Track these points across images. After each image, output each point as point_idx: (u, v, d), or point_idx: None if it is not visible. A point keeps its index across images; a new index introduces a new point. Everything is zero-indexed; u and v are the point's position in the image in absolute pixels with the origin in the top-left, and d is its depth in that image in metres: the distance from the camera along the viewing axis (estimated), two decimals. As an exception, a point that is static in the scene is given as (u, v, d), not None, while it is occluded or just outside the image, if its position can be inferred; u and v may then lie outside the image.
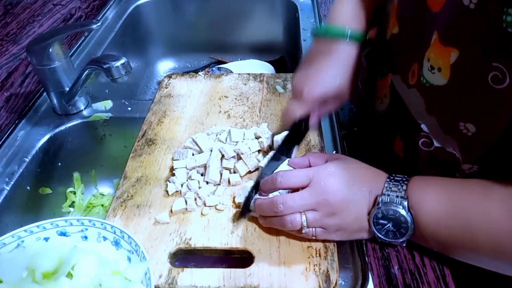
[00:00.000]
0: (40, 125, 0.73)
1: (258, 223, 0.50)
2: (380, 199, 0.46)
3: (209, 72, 1.09)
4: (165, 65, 1.23)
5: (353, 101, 0.68)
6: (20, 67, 0.87)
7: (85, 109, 0.76)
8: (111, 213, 0.53)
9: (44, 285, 0.43)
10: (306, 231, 0.46)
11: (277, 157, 0.54)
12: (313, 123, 0.55)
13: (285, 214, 0.46)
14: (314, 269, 0.46)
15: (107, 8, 1.08)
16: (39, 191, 0.70)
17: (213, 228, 0.51)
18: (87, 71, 0.67)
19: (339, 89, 0.54)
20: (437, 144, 0.47)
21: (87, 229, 0.48)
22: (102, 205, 0.77)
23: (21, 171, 0.66)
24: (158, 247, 0.49)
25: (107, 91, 0.91)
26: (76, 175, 0.76)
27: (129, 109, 0.76)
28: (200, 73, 0.78)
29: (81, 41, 0.94)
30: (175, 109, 0.70)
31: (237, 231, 0.50)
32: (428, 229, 0.45)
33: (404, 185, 0.46)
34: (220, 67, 1.12)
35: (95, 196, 0.79)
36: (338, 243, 0.49)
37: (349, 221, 0.47)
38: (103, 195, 0.79)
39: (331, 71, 0.53)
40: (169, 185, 0.56)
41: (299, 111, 0.53)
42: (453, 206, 0.43)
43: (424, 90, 0.47)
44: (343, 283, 0.47)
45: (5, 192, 0.63)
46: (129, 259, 0.46)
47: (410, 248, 0.50)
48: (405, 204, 0.45)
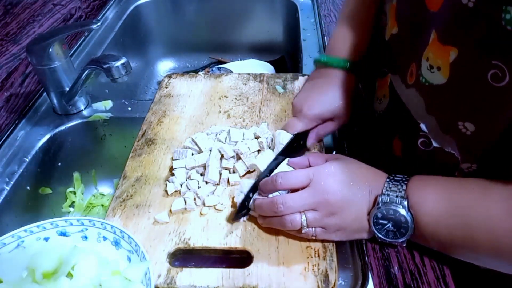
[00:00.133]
0: (40, 125, 0.73)
1: (257, 223, 0.50)
2: (380, 199, 0.46)
3: (209, 72, 1.10)
4: (165, 65, 1.23)
5: (353, 101, 0.68)
6: (20, 67, 0.87)
7: (85, 109, 0.76)
8: (110, 213, 0.53)
9: (44, 285, 0.43)
10: (306, 231, 0.46)
11: (274, 169, 0.54)
12: (310, 142, 0.59)
13: (285, 214, 0.46)
14: (313, 269, 0.46)
15: (107, 8, 1.08)
16: (39, 191, 0.70)
17: (212, 228, 0.51)
18: (87, 71, 0.67)
19: (336, 111, 0.59)
20: (435, 144, 0.47)
21: (87, 229, 0.48)
22: (102, 205, 0.78)
23: (21, 171, 0.66)
24: (157, 247, 0.49)
25: (107, 91, 0.91)
26: (76, 175, 0.76)
27: (129, 109, 0.77)
28: (200, 73, 0.78)
29: (81, 41, 0.94)
30: (175, 109, 0.70)
31: (236, 231, 0.50)
32: (428, 228, 0.45)
33: (404, 185, 0.46)
34: (220, 67, 1.12)
35: (95, 196, 0.79)
36: (337, 243, 0.49)
37: (349, 221, 0.47)
38: (103, 195, 0.80)
39: (329, 94, 0.59)
40: (168, 185, 0.56)
41: (298, 126, 0.58)
42: (453, 205, 0.43)
43: (423, 89, 0.47)
44: (343, 283, 0.47)
45: (5, 192, 0.63)
46: (129, 259, 0.46)
47: (410, 248, 0.50)
48: (405, 204, 0.45)
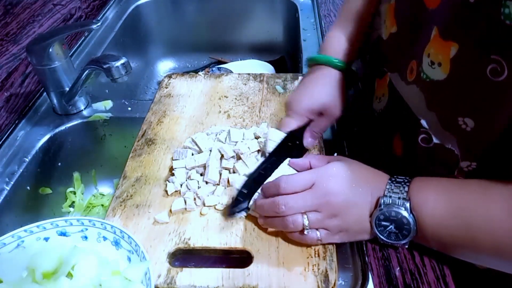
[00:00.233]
0: (40, 125, 0.73)
1: (257, 223, 0.50)
2: (382, 201, 0.46)
3: (209, 72, 1.09)
4: (165, 65, 1.23)
5: (353, 101, 0.69)
6: (20, 67, 0.87)
7: (85, 109, 0.76)
8: (110, 213, 0.53)
9: (44, 285, 0.43)
10: (309, 233, 0.46)
11: (269, 168, 0.54)
12: (307, 142, 0.59)
13: (286, 214, 0.46)
14: (313, 269, 0.46)
15: (107, 8, 1.08)
16: (39, 191, 0.70)
17: (212, 228, 0.51)
18: (87, 71, 0.67)
19: (326, 104, 0.59)
20: (436, 140, 0.47)
21: (87, 229, 0.48)
22: (102, 205, 0.78)
23: (21, 171, 0.66)
24: (157, 247, 0.49)
25: (107, 91, 0.91)
26: (76, 175, 0.76)
27: (129, 109, 0.77)
28: (200, 73, 0.78)
29: (81, 41, 0.94)
30: (175, 109, 0.70)
31: (236, 231, 0.50)
32: (430, 229, 0.45)
33: (405, 186, 0.46)
34: (220, 67, 1.12)
35: (95, 196, 0.79)
36: (337, 243, 0.49)
37: (351, 223, 0.47)
38: (103, 195, 0.80)
39: (318, 89, 0.60)
40: (168, 185, 0.56)
41: (290, 123, 0.58)
42: (454, 206, 0.43)
43: (424, 85, 0.47)
44: (343, 283, 0.47)
45: (5, 192, 0.63)
46: (129, 259, 0.46)
47: (410, 248, 0.50)
48: (407, 205, 0.45)
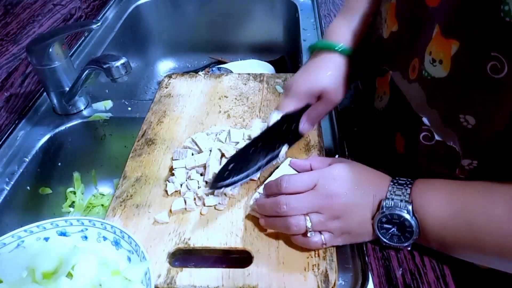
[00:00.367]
0: (40, 125, 0.73)
1: (257, 223, 0.50)
2: (384, 204, 0.46)
3: (209, 72, 1.09)
4: (165, 65, 1.23)
5: (353, 101, 0.69)
6: (20, 67, 0.87)
7: (85, 109, 0.76)
8: (110, 213, 0.53)
9: (44, 285, 0.43)
10: (313, 236, 0.46)
11: (261, 145, 0.55)
12: (303, 127, 0.59)
13: (288, 215, 0.46)
14: (313, 269, 0.46)
15: (107, 8, 1.08)
16: (39, 191, 0.70)
17: (212, 228, 0.51)
18: (87, 71, 0.67)
19: (326, 87, 0.58)
20: (438, 137, 0.47)
21: (87, 229, 0.48)
22: (102, 205, 0.78)
23: (21, 171, 0.66)
24: (157, 247, 0.49)
25: (107, 91, 0.91)
26: (76, 175, 0.76)
27: (129, 109, 0.76)
28: (200, 73, 0.78)
29: (81, 41, 0.94)
30: (175, 109, 0.70)
31: (236, 231, 0.50)
32: (433, 231, 0.45)
33: (408, 188, 0.46)
34: (220, 67, 1.12)
35: (95, 196, 0.79)
36: (337, 243, 0.49)
37: (353, 225, 0.47)
38: (103, 195, 0.80)
39: (319, 72, 0.59)
40: (168, 185, 0.56)
41: (288, 105, 0.58)
42: (458, 208, 0.43)
43: (425, 83, 0.47)
44: (343, 283, 0.47)
45: (5, 192, 0.63)
46: (129, 259, 0.46)
47: (410, 248, 0.50)
48: (410, 208, 0.45)
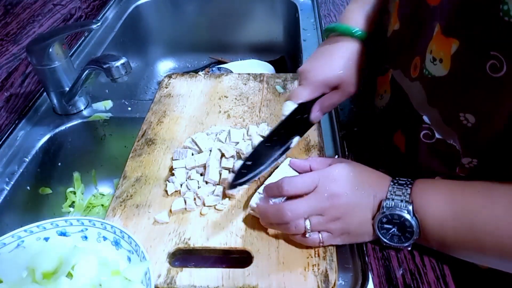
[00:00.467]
0: (40, 125, 0.73)
1: (257, 223, 0.50)
2: (384, 204, 0.46)
3: (209, 72, 1.09)
4: (165, 65, 1.23)
5: (353, 100, 0.68)
6: (20, 67, 0.87)
7: (85, 109, 0.76)
8: (110, 213, 0.53)
9: (44, 285, 0.43)
10: (311, 236, 0.46)
11: (276, 140, 0.53)
12: (315, 116, 0.56)
13: (292, 220, 0.46)
14: (313, 269, 0.46)
15: (107, 8, 1.08)
16: (39, 191, 0.70)
17: (212, 228, 0.51)
18: (87, 71, 0.67)
19: (343, 78, 0.56)
20: (438, 136, 0.47)
21: (87, 229, 0.48)
22: (102, 205, 0.78)
23: (21, 171, 0.66)
24: (157, 247, 0.49)
25: (107, 91, 0.91)
26: (76, 175, 0.76)
27: (129, 109, 0.77)
28: (200, 73, 0.78)
29: (81, 41, 0.94)
30: (175, 109, 0.70)
31: (236, 231, 0.50)
32: (433, 232, 0.45)
33: (408, 188, 0.46)
34: (220, 67, 1.12)
35: (95, 196, 0.79)
36: (337, 243, 0.49)
37: (353, 226, 0.47)
38: (103, 195, 0.80)
39: (335, 61, 0.57)
40: (168, 185, 0.56)
41: (303, 94, 0.55)
42: (458, 208, 0.43)
43: (426, 82, 0.48)
44: (343, 283, 0.47)
45: (5, 192, 0.63)
46: (129, 259, 0.46)
47: (410, 248, 0.50)
48: (410, 208, 0.45)
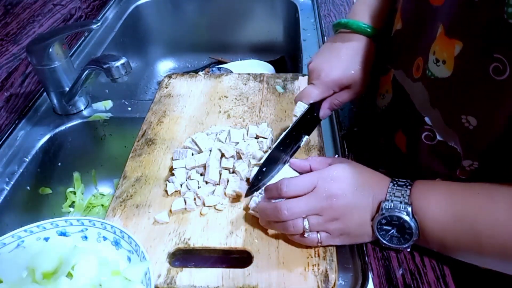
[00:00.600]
0: (40, 125, 0.73)
1: (257, 223, 0.50)
2: (383, 205, 0.46)
3: (209, 72, 1.09)
4: (165, 65, 1.23)
5: (353, 100, 0.68)
6: (20, 67, 0.87)
7: (85, 109, 0.76)
8: (110, 213, 0.53)
9: (44, 285, 0.43)
10: (310, 236, 0.46)
11: (288, 142, 0.53)
12: (324, 113, 0.57)
13: (288, 219, 0.46)
14: (313, 269, 0.46)
15: (107, 8, 1.08)
16: (39, 191, 0.70)
17: (212, 228, 0.51)
18: (87, 71, 0.67)
19: (355, 78, 0.56)
20: (439, 137, 0.47)
21: (87, 229, 0.48)
22: (102, 205, 0.78)
23: (21, 171, 0.66)
24: (157, 247, 0.49)
25: (107, 91, 0.91)
26: (76, 175, 0.76)
27: (129, 109, 0.77)
28: (200, 73, 0.78)
29: (81, 41, 0.94)
30: (175, 109, 0.70)
31: (236, 231, 0.50)
32: (433, 233, 0.45)
33: (407, 189, 0.46)
34: (220, 67, 1.12)
35: (95, 196, 0.79)
36: (337, 243, 0.49)
37: (352, 226, 0.47)
38: (103, 195, 0.80)
39: (349, 59, 0.56)
40: (168, 185, 0.56)
41: (314, 94, 0.55)
42: (458, 210, 0.43)
43: (428, 83, 0.47)
44: (343, 283, 0.47)
45: (5, 192, 0.63)
46: (129, 259, 0.46)
47: (410, 249, 0.50)
48: (409, 210, 0.45)
